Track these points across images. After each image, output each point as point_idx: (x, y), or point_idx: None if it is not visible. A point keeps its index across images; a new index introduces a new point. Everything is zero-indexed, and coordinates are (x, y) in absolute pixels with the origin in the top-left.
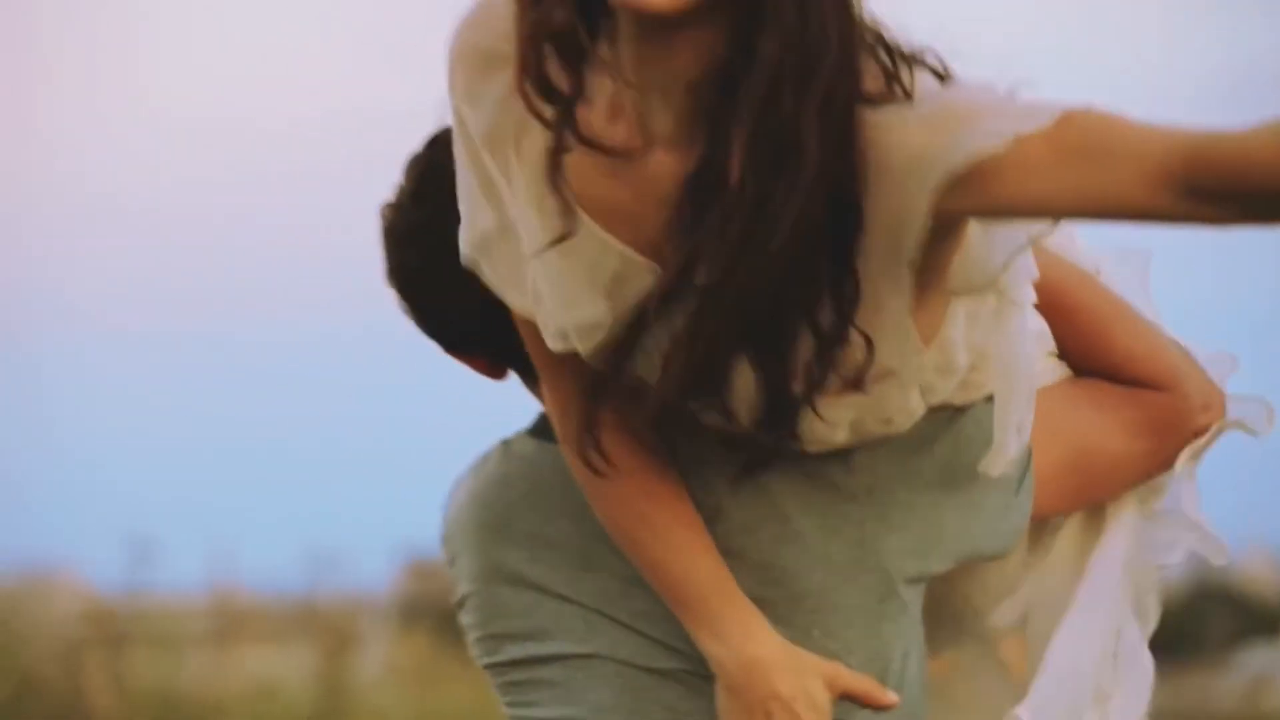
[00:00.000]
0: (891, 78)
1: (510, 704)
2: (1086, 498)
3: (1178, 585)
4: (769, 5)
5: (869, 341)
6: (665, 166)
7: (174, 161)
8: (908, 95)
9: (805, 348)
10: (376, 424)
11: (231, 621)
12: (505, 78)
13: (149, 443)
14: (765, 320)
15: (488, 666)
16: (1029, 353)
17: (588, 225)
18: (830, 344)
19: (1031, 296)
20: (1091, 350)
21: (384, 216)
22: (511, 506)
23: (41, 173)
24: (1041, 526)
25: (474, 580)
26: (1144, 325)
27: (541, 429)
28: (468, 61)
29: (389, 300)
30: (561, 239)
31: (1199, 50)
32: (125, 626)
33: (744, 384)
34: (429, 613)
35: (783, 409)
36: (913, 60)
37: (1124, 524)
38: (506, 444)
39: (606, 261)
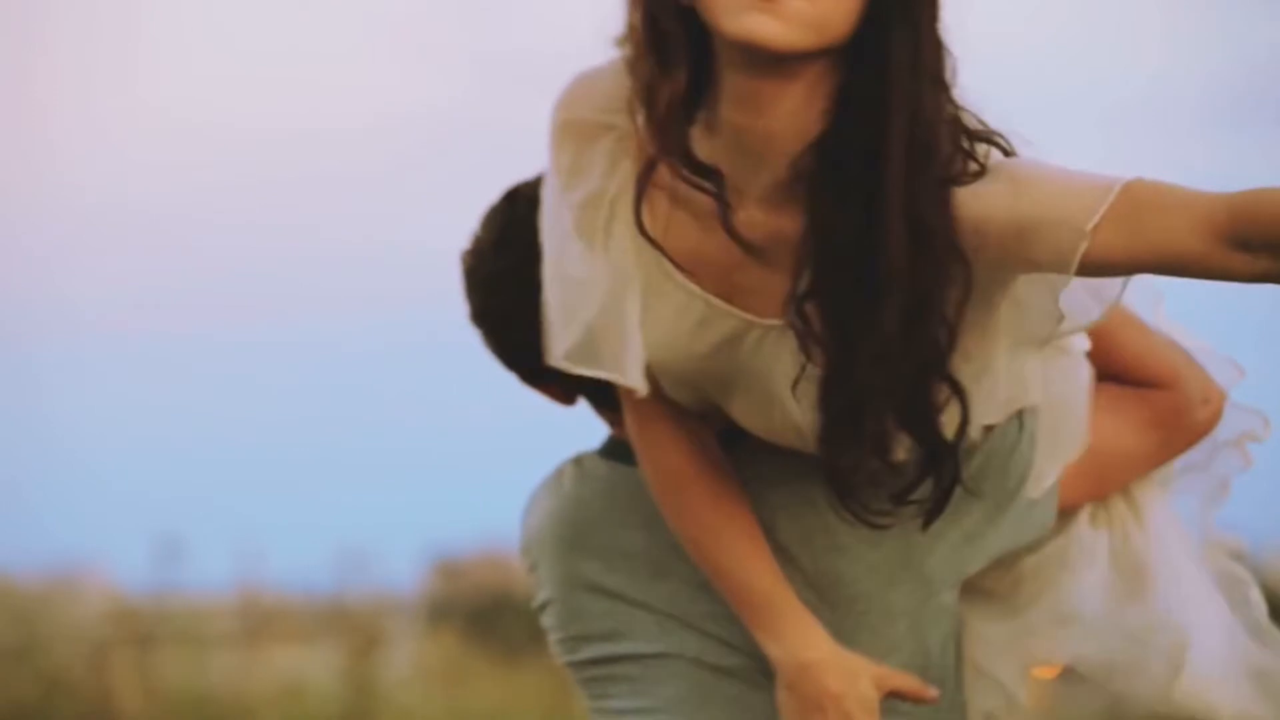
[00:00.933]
0: (967, 155)
1: (590, 696)
2: (1107, 488)
3: None
4: (885, 96)
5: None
6: (755, 221)
7: (177, 165)
8: (981, 168)
9: (941, 395)
10: (404, 425)
11: (259, 621)
12: (606, 145)
13: (175, 443)
14: (895, 380)
15: (568, 664)
16: (1080, 398)
17: (676, 277)
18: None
19: (1085, 344)
20: (1105, 356)
21: (465, 263)
22: (589, 523)
23: (44, 176)
24: (1070, 516)
25: (554, 588)
26: (1149, 333)
27: (612, 451)
28: (573, 135)
29: (410, 304)
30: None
31: (1200, 51)
32: (152, 626)
33: (900, 436)
34: (457, 612)
35: (939, 452)
36: (984, 138)
37: (1154, 503)
38: (579, 464)
39: (693, 307)
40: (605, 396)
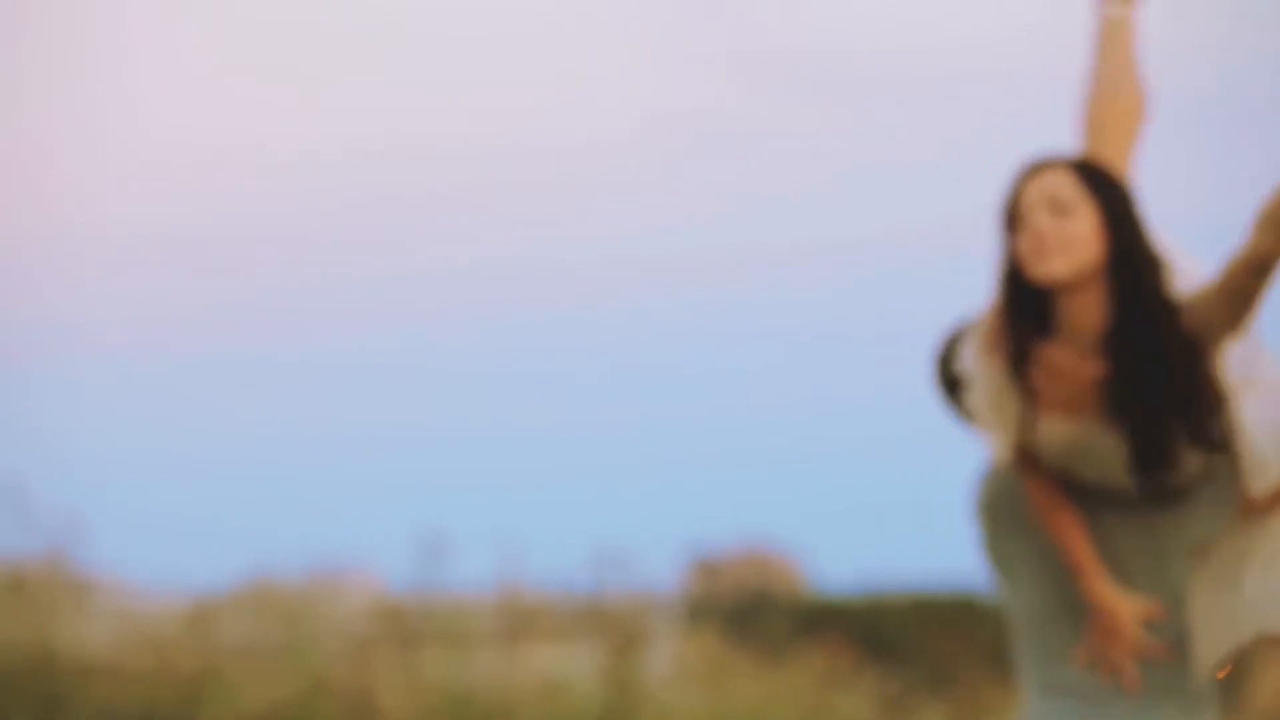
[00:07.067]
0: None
1: (999, 578)
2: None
3: None
4: (1128, 280)
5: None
6: (1090, 369)
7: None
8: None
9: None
10: (663, 426)
11: (520, 620)
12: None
13: (440, 442)
14: (1156, 429)
15: (987, 557)
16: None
17: (1044, 418)
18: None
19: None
20: None
21: (940, 360)
22: (1001, 500)
23: (43, 192)
24: (1258, 516)
25: (983, 528)
26: None
27: (1016, 471)
28: (983, 344)
29: (672, 304)
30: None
31: (1200, 53)
32: (415, 625)
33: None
34: (717, 611)
35: (1214, 442)
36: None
37: None
38: (1001, 468)
39: (1054, 428)
40: None
